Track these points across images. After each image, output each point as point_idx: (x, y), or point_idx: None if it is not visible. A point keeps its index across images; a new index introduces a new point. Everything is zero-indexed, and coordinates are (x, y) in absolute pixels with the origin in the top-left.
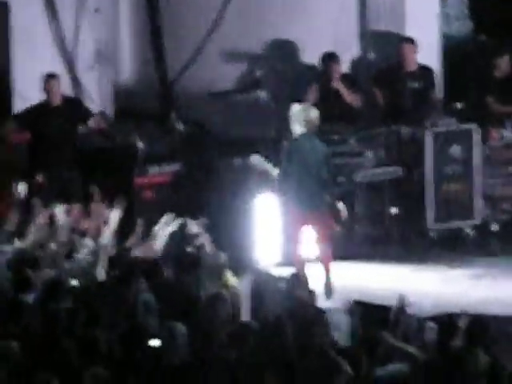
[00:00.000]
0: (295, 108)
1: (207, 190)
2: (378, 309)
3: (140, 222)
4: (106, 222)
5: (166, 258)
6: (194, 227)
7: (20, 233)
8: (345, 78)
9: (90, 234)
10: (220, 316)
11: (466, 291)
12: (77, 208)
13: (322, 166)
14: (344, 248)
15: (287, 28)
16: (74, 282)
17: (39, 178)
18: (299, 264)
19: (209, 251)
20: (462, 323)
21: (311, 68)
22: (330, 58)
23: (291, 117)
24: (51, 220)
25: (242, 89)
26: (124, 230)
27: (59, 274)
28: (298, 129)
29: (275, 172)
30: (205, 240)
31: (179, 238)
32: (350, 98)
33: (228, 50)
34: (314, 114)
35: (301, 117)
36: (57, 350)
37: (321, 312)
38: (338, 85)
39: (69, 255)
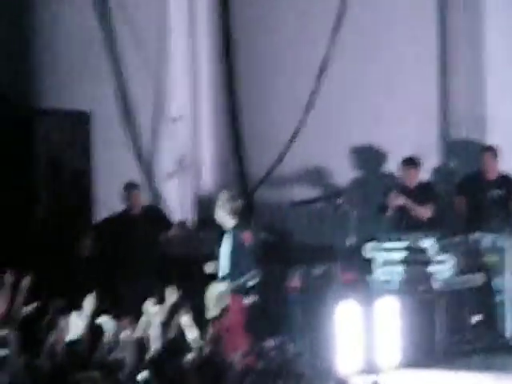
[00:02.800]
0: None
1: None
2: None
3: None
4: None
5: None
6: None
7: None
8: (421, 186)
9: None
10: None
11: None
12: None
13: None
14: (425, 357)
15: (368, 135)
16: None
17: (119, 287)
18: None
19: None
20: None
21: (392, 176)
22: (407, 163)
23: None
24: None
25: (322, 197)
26: None
27: None
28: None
29: None
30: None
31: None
32: (419, 212)
33: (308, 158)
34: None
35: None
36: None
37: None
38: (403, 200)
39: None
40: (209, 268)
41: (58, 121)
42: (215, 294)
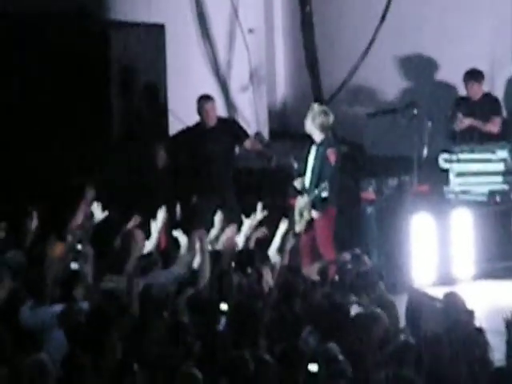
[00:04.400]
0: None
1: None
2: None
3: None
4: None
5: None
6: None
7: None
8: (485, 99)
9: None
10: (375, 335)
11: None
12: (232, 229)
13: None
14: (500, 268)
15: (442, 49)
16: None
17: (194, 199)
18: None
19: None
20: None
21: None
22: (469, 77)
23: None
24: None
25: (398, 108)
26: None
27: None
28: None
29: None
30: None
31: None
32: (487, 128)
33: (383, 69)
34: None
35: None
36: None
37: (479, 332)
38: (467, 121)
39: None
40: (297, 183)
41: (134, 33)
42: (299, 208)
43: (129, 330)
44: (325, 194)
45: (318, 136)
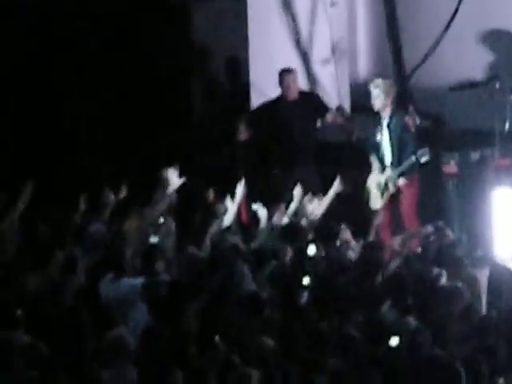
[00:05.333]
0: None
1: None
2: None
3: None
4: None
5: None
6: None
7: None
8: None
9: None
10: (457, 308)
11: None
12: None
13: None
14: None
15: None
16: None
17: (276, 172)
18: None
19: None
20: None
21: None
22: None
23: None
24: None
25: (480, 82)
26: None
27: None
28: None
29: None
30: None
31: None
32: None
33: (466, 42)
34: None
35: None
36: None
37: None
38: None
39: None
40: (374, 160)
41: (215, 7)
42: (380, 182)
43: (208, 302)
44: (425, 159)
45: (389, 109)
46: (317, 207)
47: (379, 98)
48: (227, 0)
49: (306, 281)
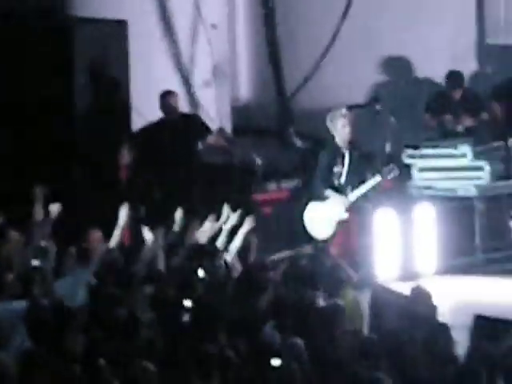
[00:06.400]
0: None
1: None
2: (500, 323)
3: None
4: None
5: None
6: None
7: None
8: (466, 96)
9: None
10: (338, 329)
11: None
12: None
13: None
14: (464, 263)
15: (405, 42)
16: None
17: (156, 195)
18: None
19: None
20: None
21: (428, 83)
22: (452, 81)
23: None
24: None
25: (360, 104)
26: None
27: None
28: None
29: None
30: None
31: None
32: (464, 122)
33: (346, 65)
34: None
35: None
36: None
37: (443, 327)
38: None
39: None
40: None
41: (96, 30)
42: (333, 212)
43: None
44: (393, 175)
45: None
46: (205, 231)
47: (346, 128)
48: (108, 22)
49: (187, 303)
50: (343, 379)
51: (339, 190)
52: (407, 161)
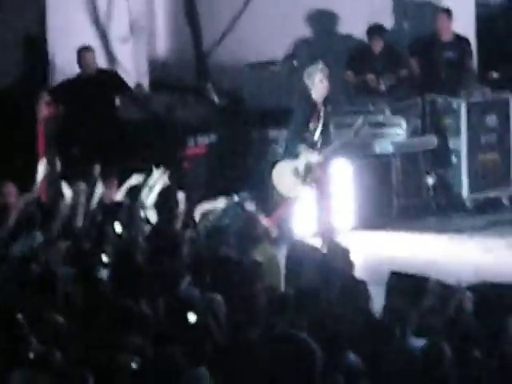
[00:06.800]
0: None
1: (243, 161)
2: (415, 279)
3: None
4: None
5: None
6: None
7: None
8: (387, 50)
9: None
10: (257, 283)
11: (504, 260)
12: (113, 181)
13: None
14: (380, 219)
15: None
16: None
17: (75, 151)
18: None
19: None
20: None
21: (347, 39)
22: (373, 32)
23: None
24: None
25: (278, 60)
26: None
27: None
28: None
29: None
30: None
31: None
32: (386, 81)
33: (264, 20)
34: None
35: None
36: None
37: (360, 283)
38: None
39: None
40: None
41: None
42: (301, 168)
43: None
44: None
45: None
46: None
47: (324, 82)
48: None
49: (104, 258)
50: (260, 334)
51: (313, 145)
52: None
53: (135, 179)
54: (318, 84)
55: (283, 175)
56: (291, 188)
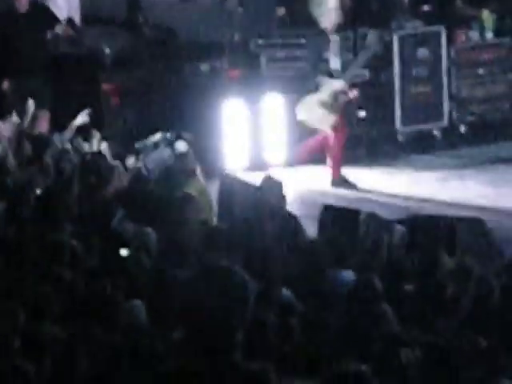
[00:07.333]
0: None
1: (174, 94)
2: (347, 212)
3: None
4: None
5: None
6: (180, 144)
7: None
8: None
9: None
10: (189, 217)
11: (434, 193)
12: (44, 115)
13: None
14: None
15: None
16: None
17: (4, 85)
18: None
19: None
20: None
21: None
22: None
23: None
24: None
25: None
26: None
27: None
28: None
29: None
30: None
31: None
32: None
33: None
34: None
35: None
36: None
37: (293, 217)
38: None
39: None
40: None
41: None
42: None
43: None
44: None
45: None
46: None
47: (336, 10)
48: None
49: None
50: (192, 268)
51: (331, 74)
52: (255, 50)
53: (81, 119)
54: (329, 11)
55: (311, 109)
56: (322, 119)
